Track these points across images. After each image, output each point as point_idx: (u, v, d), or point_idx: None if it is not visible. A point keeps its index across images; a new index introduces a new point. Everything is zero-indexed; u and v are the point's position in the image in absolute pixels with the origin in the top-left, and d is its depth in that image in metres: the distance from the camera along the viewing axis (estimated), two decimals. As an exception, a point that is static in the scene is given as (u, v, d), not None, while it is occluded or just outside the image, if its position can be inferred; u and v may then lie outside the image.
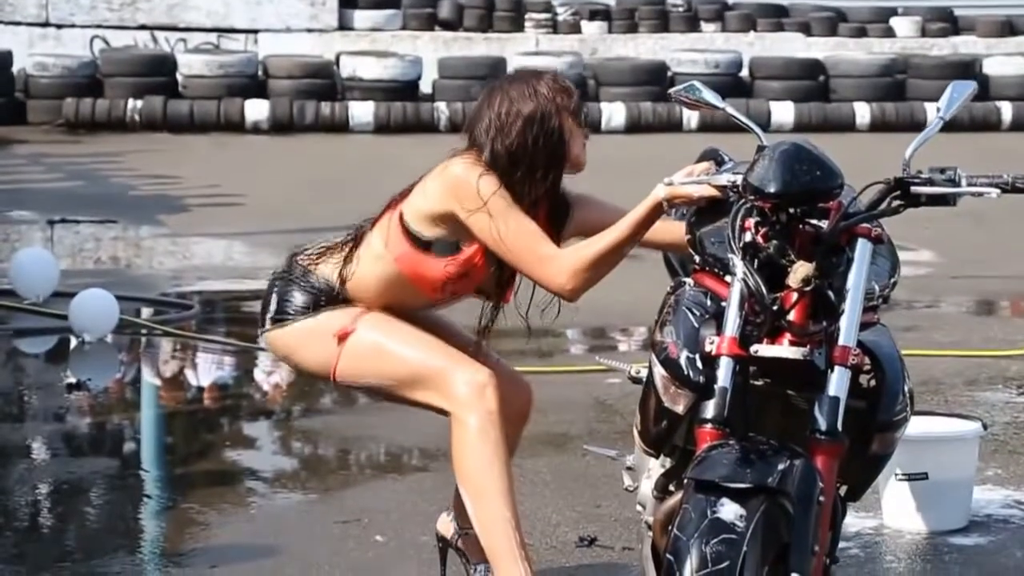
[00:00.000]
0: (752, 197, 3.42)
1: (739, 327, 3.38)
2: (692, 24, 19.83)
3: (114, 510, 5.36)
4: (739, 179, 3.51)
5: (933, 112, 3.83)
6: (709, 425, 3.35)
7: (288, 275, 4.10)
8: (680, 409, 3.47)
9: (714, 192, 3.67)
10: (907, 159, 3.60)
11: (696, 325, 3.49)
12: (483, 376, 3.94)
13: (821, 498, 3.26)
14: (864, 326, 3.50)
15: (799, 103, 16.88)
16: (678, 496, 3.39)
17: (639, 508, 3.78)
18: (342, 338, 3.98)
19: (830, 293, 3.40)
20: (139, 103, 16.42)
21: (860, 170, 3.85)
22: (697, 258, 3.65)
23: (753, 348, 3.37)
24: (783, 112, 16.75)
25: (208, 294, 9.15)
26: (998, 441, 6.03)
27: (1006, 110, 17.11)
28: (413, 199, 3.97)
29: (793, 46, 19.03)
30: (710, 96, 3.86)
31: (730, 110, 3.87)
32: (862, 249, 3.44)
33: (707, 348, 3.41)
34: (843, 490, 3.64)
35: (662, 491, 3.65)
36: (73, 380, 6.91)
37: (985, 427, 5.14)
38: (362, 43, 18.26)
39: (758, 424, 3.43)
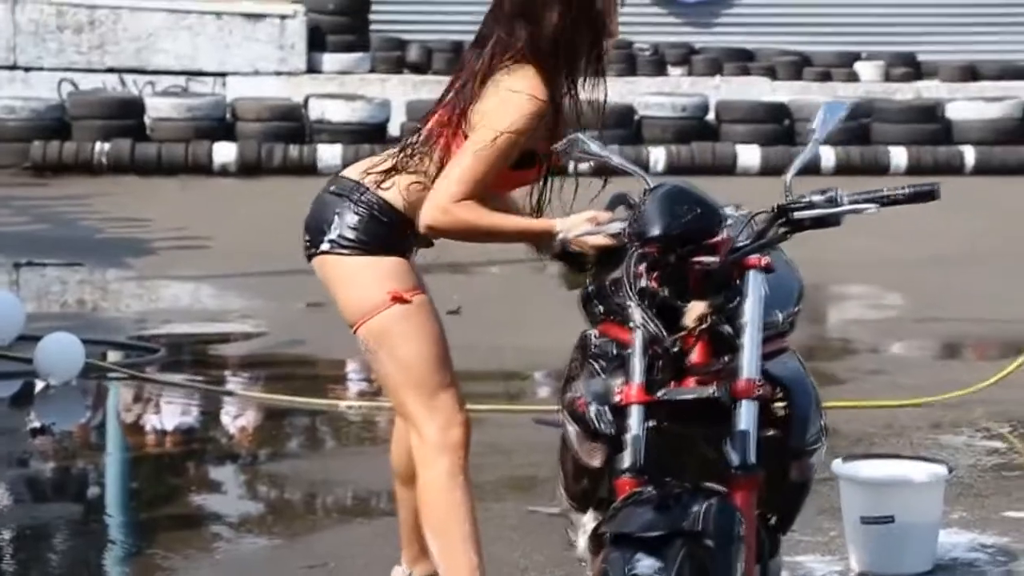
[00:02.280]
0: (637, 243, 3.44)
1: (644, 373, 3.38)
2: (659, 68, 19.90)
3: (78, 556, 5.33)
4: None
5: (898, 156, 3.89)
6: (627, 475, 3.34)
7: (351, 195, 4.01)
8: (597, 463, 3.47)
9: (610, 241, 3.68)
10: (787, 185, 3.63)
11: (603, 377, 3.49)
12: (460, 418, 3.95)
13: (743, 534, 3.25)
14: (772, 354, 3.51)
15: (765, 146, 16.96)
16: None
17: (582, 564, 3.77)
18: (395, 299, 3.96)
19: (726, 328, 3.41)
20: (107, 146, 16.38)
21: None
22: (600, 307, 3.65)
23: (660, 393, 3.37)
24: (749, 155, 16.82)
25: (175, 337, 9.12)
26: (963, 484, 6.05)
27: (969, 154, 17.21)
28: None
29: (759, 90, 19.12)
30: (594, 147, 3.83)
31: (615, 159, 3.83)
32: (753, 281, 3.45)
33: (616, 399, 3.40)
34: (773, 521, 3.64)
35: (597, 546, 3.65)
36: (38, 424, 6.87)
37: (950, 470, 5.16)
38: (330, 86, 18.29)
39: (679, 466, 3.43)
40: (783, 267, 3.67)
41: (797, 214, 3.53)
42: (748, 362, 3.36)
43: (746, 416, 3.34)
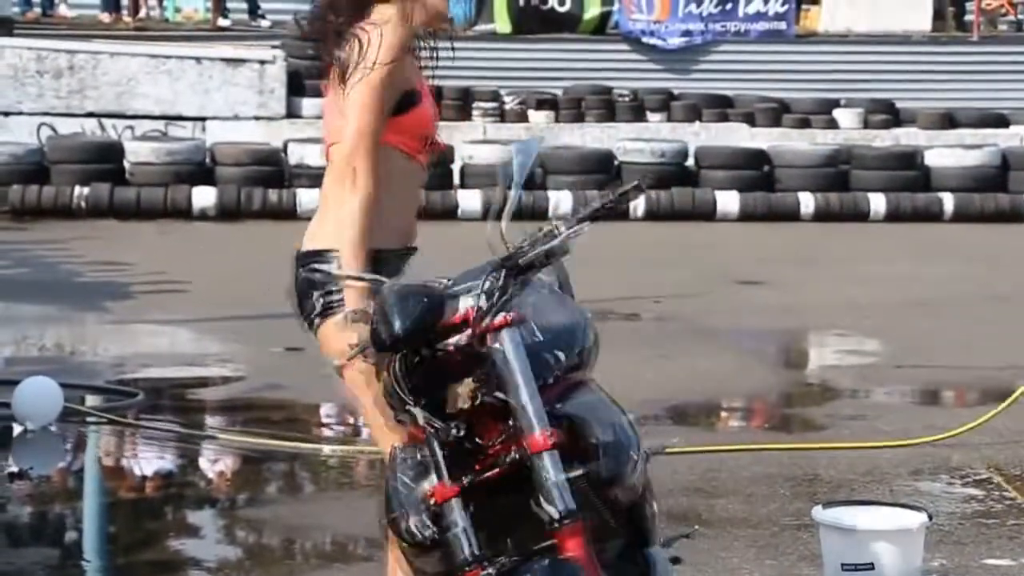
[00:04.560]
0: (381, 351, 3.46)
1: (447, 466, 3.41)
2: (638, 114, 19.98)
3: (55, 601, 5.30)
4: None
5: (877, 203, 3.87)
6: (467, 569, 3.37)
7: (316, 260, 3.99)
8: (439, 569, 3.48)
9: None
10: (502, 236, 3.62)
11: (412, 485, 3.51)
12: None
13: None
14: (566, 393, 3.49)
15: (744, 192, 17.01)
16: None
17: None
18: None
19: (500, 395, 3.41)
20: (86, 190, 16.36)
21: (805, 258, 3.86)
22: (396, 415, 3.68)
23: (465, 480, 3.40)
24: (729, 201, 16.87)
25: (153, 381, 9.10)
26: (943, 531, 6.06)
27: (948, 201, 17.28)
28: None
29: (738, 136, 19.20)
30: (364, 275, 3.76)
31: (366, 276, 3.75)
32: (508, 340, 3.45)
33: (430, 502, 3.43)
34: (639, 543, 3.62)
35: None
36: (15, 469, 6.84)
37: (930, 517, 5.16)
38: (310, 130, 18.30)
39: (519, 538, 3.44)
40: (555, 307, 3.66)
41: (523, 260, 3.54)
42: (531, 417, 3.38)
43: (548, 467, 3.36)
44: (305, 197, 16.52)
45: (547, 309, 3.61)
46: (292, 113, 18.87)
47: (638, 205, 16.56)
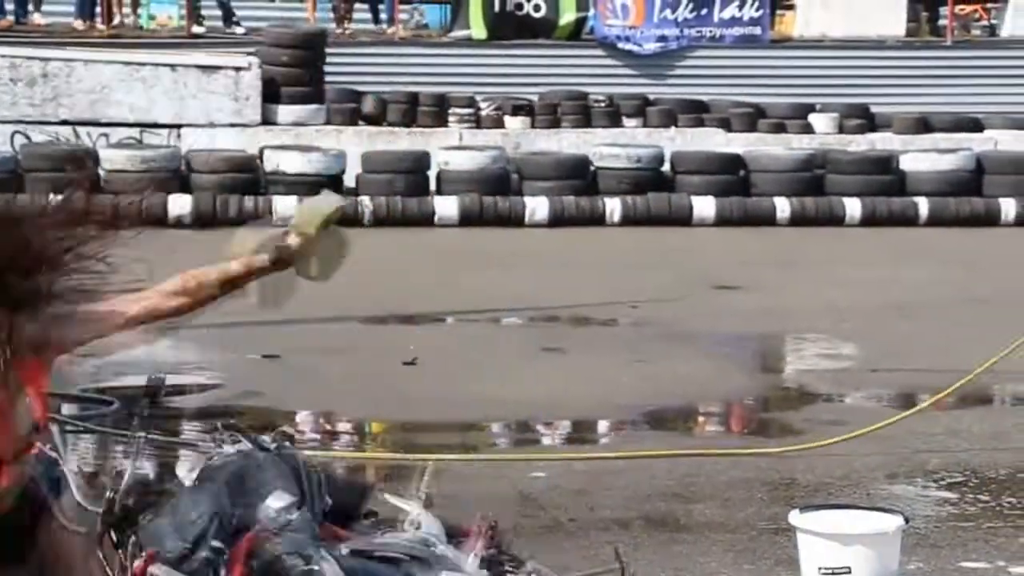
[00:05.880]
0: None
1: None
2: (614, 119, 19.99)
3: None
4: None
5: (852, 207, 3.89)
6: None
7: None
8: None
9: None
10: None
11: None
12: None
13: None
14: (249, 555, 3.77)
15: (720, 197, 17.03)
16: None
17: None
18: None
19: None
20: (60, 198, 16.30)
21: (782, 263, 3.86)
22: None
23: None
24: (705, 206, 16.89)
25: (129, 390, 9.05)
26: (919, 534, 6.06)
27: (922, 205, 17.33)
28: None
29: (713, 141, 19.22)
30: None
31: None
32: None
33: None
34: None
35: None
36: (-10, 478, 6.80)
37: (907, 520, 5.17)
38: (286, 138, 18.28)
39: None
40: (194, 503, 4.00)
41: (118, 510, 3.67)
42: None
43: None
44: (281, 204, 16.49)
45: (185, 510, 3.88)
46: (267, 120, 18.84)
47: (614, 210, 16.56)
